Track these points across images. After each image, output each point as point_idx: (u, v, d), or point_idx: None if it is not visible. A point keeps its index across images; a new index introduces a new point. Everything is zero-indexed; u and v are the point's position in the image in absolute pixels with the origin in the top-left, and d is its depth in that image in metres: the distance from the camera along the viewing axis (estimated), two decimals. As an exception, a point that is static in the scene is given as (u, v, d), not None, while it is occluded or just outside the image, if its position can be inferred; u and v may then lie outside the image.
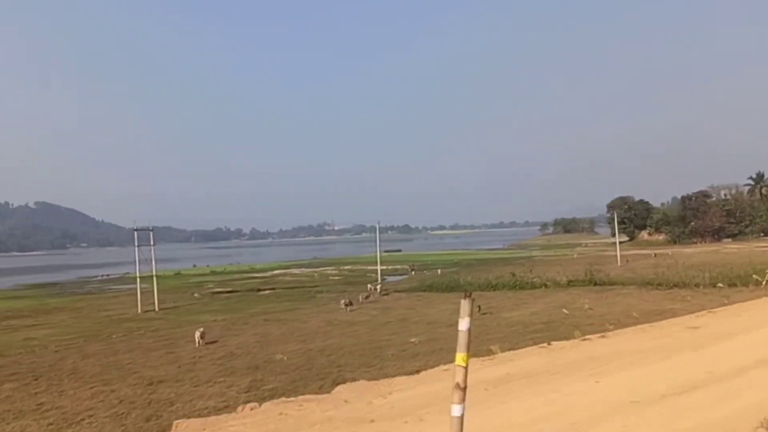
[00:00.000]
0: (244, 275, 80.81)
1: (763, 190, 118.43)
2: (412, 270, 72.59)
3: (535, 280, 42.85)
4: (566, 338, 17.26)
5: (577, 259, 77.72)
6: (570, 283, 41.78)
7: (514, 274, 45.29)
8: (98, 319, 37.69)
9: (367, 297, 38.65)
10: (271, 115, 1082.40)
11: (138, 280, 45.08)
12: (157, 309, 41.46)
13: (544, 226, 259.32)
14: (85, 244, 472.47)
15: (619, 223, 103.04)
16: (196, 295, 51.89)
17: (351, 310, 32.73)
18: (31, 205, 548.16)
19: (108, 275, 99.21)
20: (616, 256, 65.61)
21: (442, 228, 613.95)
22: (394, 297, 41.02)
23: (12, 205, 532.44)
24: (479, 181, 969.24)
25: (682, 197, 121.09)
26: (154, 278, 45.79)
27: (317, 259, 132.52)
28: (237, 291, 55.10)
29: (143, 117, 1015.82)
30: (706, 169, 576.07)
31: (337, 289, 49.94)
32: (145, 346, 23.93)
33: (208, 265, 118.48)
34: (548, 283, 42.01)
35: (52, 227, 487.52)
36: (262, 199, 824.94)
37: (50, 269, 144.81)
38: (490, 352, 14.90)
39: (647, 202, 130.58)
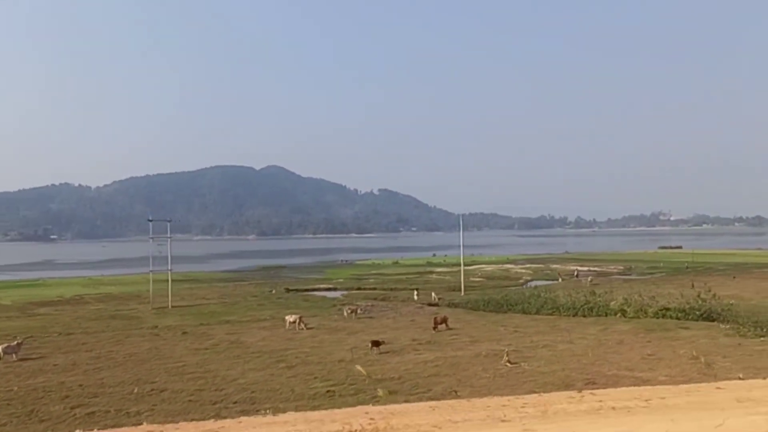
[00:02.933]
0: (421, 269, 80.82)
1: None
2: (572, 276, 64.17)
3: (612, 304, 33.76)
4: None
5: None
6: (661, 312, 31.80)
7: (594, 293, 36.47)
8: (108, 313, 39.53)
9: (353, 312, 34.62)
10: (608, 96, 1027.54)
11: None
12: (170, 306, 42.41)
13: None
14: (415, 228, 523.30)
15: None
16: (273, 291, 51.91)
17: (308, 328, 30.44)
18: (375, 191, 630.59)
19: (347, 261, 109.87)
20: None
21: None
22: (410, 312, 36.90)
23: (360, 191, 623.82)
24: None
25: None
26: (170, 274, 46.49)
27: (568, 254, 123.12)
28: (310, 290, 54.82)
29: (473, 111, 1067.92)
30: None
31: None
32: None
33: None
34: (627, 309, 32.72)
35: (389, 212, 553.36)
36: (590, 186, 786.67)
37: (334, 251, 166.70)
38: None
39: None
